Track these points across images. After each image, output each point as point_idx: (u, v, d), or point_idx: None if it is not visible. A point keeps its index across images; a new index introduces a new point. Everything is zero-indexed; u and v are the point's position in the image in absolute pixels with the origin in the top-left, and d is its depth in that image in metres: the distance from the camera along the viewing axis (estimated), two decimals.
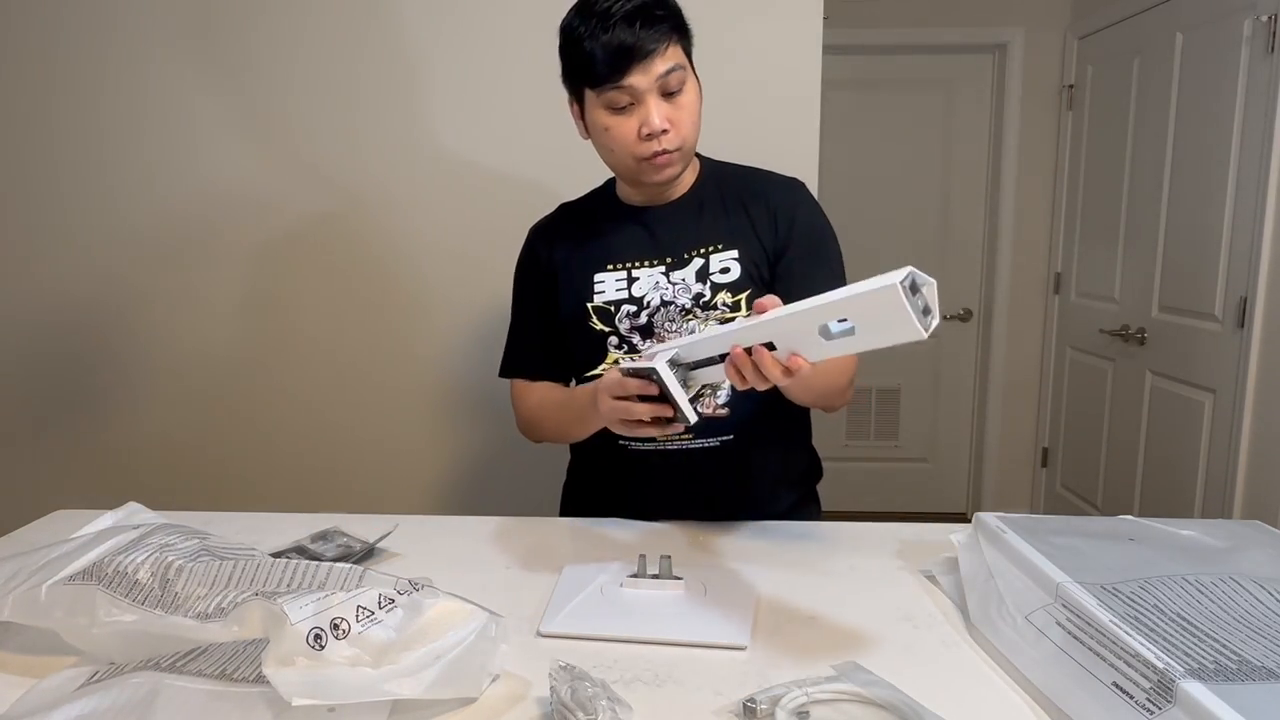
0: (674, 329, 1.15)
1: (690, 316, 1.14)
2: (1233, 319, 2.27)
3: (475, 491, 2.00)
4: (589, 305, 1.17)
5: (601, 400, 0.96)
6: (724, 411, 1.15)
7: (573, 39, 1.06)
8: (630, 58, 1.02)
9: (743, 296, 1.14)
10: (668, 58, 1.04)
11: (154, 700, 0.66)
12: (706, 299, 1.14)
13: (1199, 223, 2.41)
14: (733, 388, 1.13)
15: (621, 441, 1.16)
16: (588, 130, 1.13)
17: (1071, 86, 3.16)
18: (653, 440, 1.15)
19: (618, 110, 1.06)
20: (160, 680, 0.68)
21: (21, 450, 1.99)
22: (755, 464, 1.18)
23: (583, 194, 1.29)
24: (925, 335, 0.70)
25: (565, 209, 1.29)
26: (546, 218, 1.29)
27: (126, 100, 1.85)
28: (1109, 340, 2.87)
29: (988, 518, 0.94)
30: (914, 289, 0.70)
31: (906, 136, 3.39)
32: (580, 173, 1.83)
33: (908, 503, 3.62)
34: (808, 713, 0.70)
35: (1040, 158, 3.30)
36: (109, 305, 1.93)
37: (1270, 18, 2.12)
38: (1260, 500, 2.20)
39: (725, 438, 1.15)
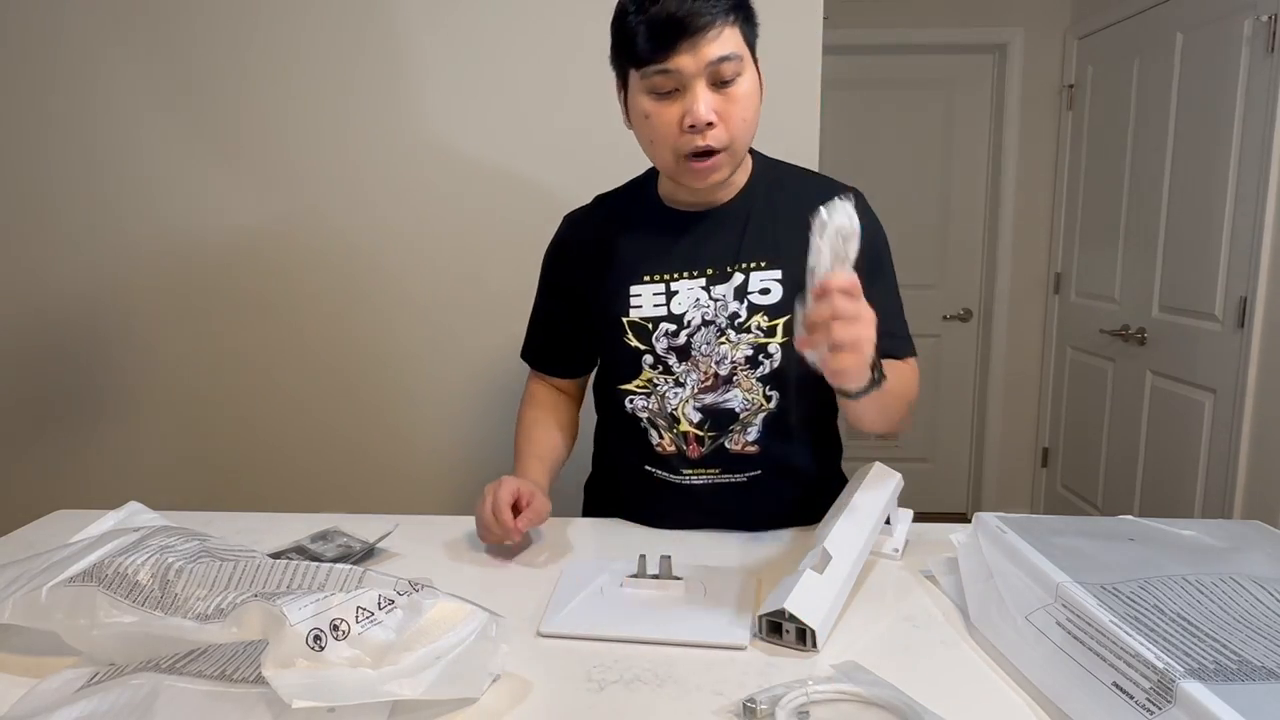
0: (710, 351, 1.08)
1: (724, 340, 1.07)
2: (1233, 319, 2.27)
3: (475, 491, 1.99)
4: (624, 320, 1.10)
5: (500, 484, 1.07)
6: (754, 449, 1.11)
7: (621, 11, 0.97)
8: (678, 34, 0.91)
9: (779, 322, 1.07)
10: (723, 42, 0.93)
11: (154, 701, 0.66)
12: (741, 320, 1.07)
13: (1199, 223, 2.41)
14: (763, 425, 1.10)
15: (648, 468, 1.14)
16: (629, 118, 1.03)
17: (1071, 86, 3.16)
18: (678, 474, 1.12)
19: (661, 96, 0.96)
20: (160, 681, 0.68)
21: (22, 450, 1.99)
22: (784, 496, 1.13)
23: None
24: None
25: (601, 202, 1.20)
26: (582, 210, 1.20)
27: (122, 107, 1.85)
28: (1109, 340, 2.87)
29: (988, 518, 0.94)
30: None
31: (906, 137, 3.39)
32: (578, 172, 1.84)
33: (908, 503, 3.60)
34: (808, 713, 0.70)
35: (1040, 158, 3.30)
36: (109, 306, 1.93)
37: (1270, 18, 2.12)
38: (1260, 500, 2.19)
39: (753, 473, 1.12)
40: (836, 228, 0.83)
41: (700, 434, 1.10)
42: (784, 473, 1.13)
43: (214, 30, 1.83)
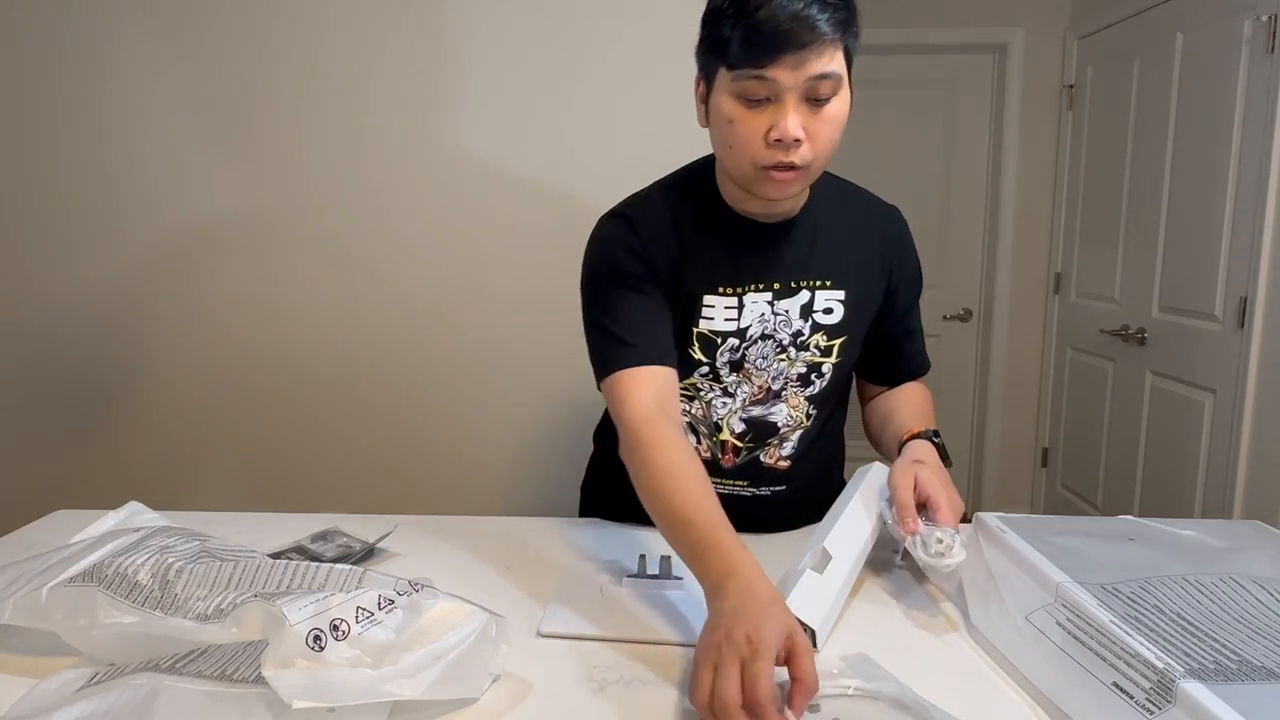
0: (766, 365, 1.06)
1: (783, 356, 1.06)
2: (1233, 319, 2.27)
3: (476, 491, 2.00)
4: (694, 330, 1.05)
5: (736, 626, 0.69)
6: (785, 464, 1.11)
7: (719, 7, 0.90)
8: (782, 45, 0.85)
9: (837, 343, 1.07)
10: (827, 59, 0.88)
11: (154, 701, 0.66)
12: (804, 338, 1.06)
13: (1199, 223, 2.41)
14: (798, 441, 1.10)
15: None
16: (708, 116, 0.97)
17: (1071, 86, 3.16)
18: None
19: (751, 103, 0.90)
20: (160, 681, 0.68)
21: (22, 450, 1.99)
22: (799, 504, 1.14)
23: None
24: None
25: (666, 193, 1.07)
26: (645, 205, 1.06)
27: (129, 107, 1.85)
28: (1109, 340, 2.87)
29: (988, 518, 0.94)
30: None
31: (907, 137, 3.39)
32: (583, 177, 1.84)
33: None
34: (819, 705, 0.70)
35: (1040, 158, 3.29)
36: (109, 306, 1.93)
37: (1270, 18, 2.12)
38: (1260, 500, 2.19)
39: (778, 488, 1.12)
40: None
41: (739, 445, 1.10)
42: (805, 491, 1.13)
43: (226, 32, 1.83)
